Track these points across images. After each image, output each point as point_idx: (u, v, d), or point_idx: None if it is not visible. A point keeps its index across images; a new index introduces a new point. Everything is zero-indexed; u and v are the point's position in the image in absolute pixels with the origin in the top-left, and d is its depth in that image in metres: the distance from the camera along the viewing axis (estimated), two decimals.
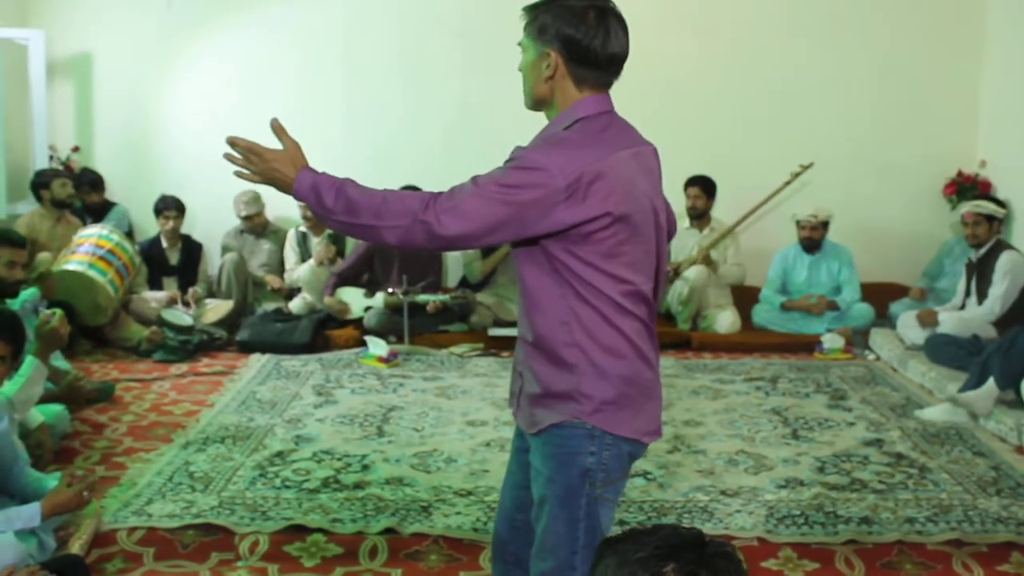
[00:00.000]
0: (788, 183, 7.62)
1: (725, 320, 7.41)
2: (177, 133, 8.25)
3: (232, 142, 2.42)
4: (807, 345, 7.16)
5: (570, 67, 2.36)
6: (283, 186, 2.41)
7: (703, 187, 7.52)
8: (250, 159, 2.43)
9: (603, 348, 2.38)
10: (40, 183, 7.23)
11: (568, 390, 2.40)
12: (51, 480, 3.68)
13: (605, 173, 2.28)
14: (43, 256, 6.81)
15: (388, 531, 4.01)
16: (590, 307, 2.35)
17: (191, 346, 6.78)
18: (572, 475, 2.41)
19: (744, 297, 7.68)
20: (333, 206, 2.33)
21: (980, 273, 6.70)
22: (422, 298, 7.14)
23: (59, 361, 5.50)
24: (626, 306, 2.39)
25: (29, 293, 5.68)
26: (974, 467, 4.81)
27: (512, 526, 2.72)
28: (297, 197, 2.42)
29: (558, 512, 2.43)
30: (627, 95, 2.66)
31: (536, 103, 2.46)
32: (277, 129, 2.43)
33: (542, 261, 2.36)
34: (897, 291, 7.73)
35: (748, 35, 8.00)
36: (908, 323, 6.89)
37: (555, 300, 2.36)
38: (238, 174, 2.45)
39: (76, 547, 3.70)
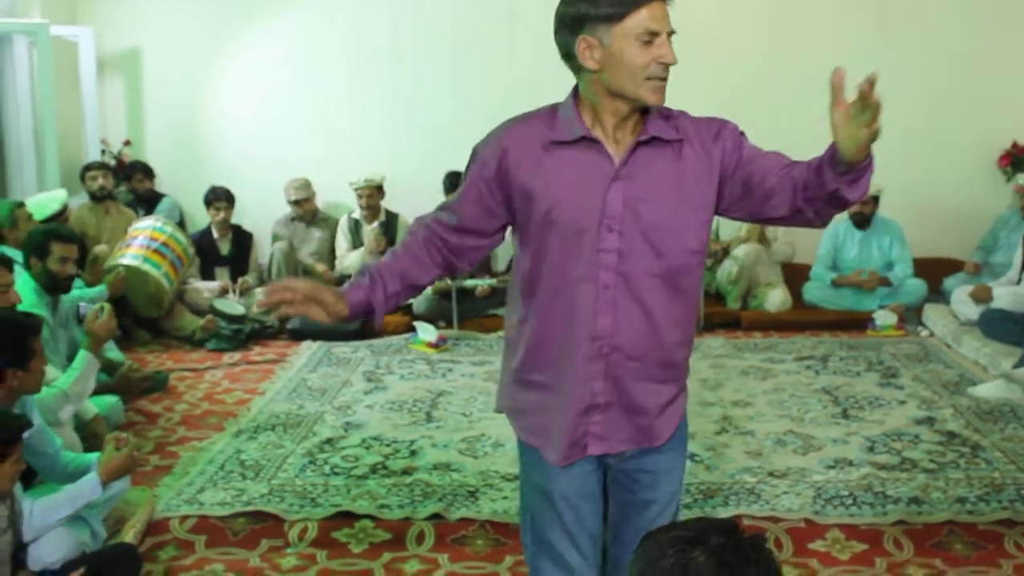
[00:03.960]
0: None
1: (776, 298, 7.35)
2: (226, 124, 8.35)
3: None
4: (859, 322, 7.08)
5: None
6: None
7: None
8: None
9: None
10: (80, 177, 7.36)
11: (680, 387, 2.48)
12: (89, 457, 3.73)
13: None
14: (99, 248, 6.93)
15: (435, 516, 4.05)
16: None
17: (243, 335, 6.86)
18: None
19: (795, 275, 7.61)
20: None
21: None
22: (470, 283, 7.17)
23: (113, 352, 5.62)
24: None
25: (97, 291, 5.80)
26: None
27: None
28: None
29: (677, 501, 2.56)
30: (689, 87, 2.62)
31: None
32: None
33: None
34: (951, 266, 7.63)
35: (801, 15, 7.90)
36: (962, 299, 6.79)
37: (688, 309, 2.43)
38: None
39: (130, 535, 3.78)
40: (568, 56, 2.26)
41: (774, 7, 7.94)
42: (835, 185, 2.10)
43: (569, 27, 2.22)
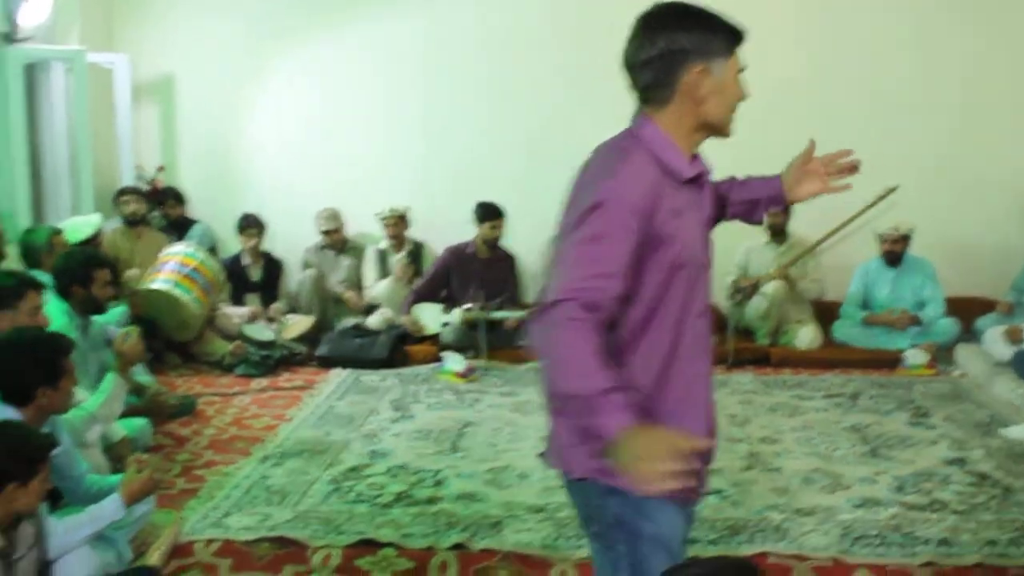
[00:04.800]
0: (871, 205, 7.43)
1: (806, 336, 7.30)
2: (258, 151, 8.41)
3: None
4: (890, 361, 7.02)
5: None
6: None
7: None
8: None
9: None
10: (113, 201, 7.44)
11: None
12: (112, 479, 3.75)
13: None
14: (131, 273, 6.99)
15: (458, 546, 4.03)
16: None
17: (272, 361, 6.89)
18: None
19: (825, 312, 7.56)
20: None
21: None
22: (499, 314, 7.17)
23: (143, 376, 5.65)
24: None
25: (118, 311, 5.84)
26: None
27: None
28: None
29: None
30: None
31: None
32: None
33: None
34: (984, 306, 7.55)
35: (832, 53, 7.89)
36: (994, 338, 6.72)
37: None
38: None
39: (155, 558, 3.80)
40: (660, 86, 2.20)
41: (804, 34, 7.93)
42: (760, 216, 2.54)
43: (678, 56, 2.18)
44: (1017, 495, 4.59)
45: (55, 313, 4.69)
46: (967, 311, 7.43)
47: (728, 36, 2.22)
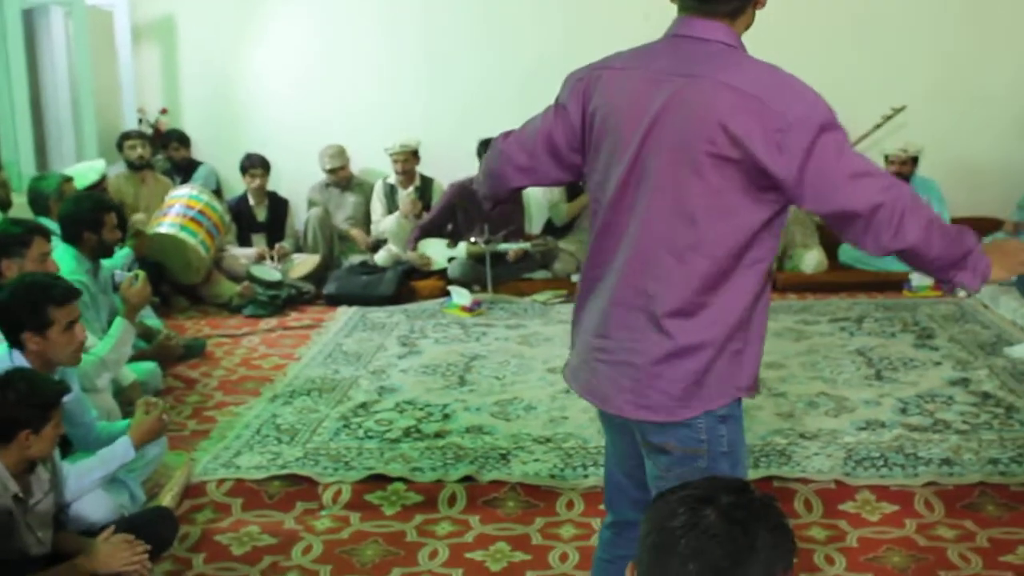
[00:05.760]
0: (879, 126, 7.41)
1: (811, 259, 7.31)
2: (260, 91, 8.38)
3: None
4: (895, 283, 7.03)
5: None
6: None
7: None
8: None
9: None
10: (117, 146, 7.44)
11: None
12: (121, 423, 3.82)
13: (592, 79, 2.30)
14: (138, 217, 7.02)
15: (467, 479, 4.10)
16: None
17: (280, 301, 6.93)
18: None
19: (831, 236, 7.54)
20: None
21: None
22: (504, 247, 7.19)
23: (151, 320, 5.69)
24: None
25: (123, 253, 5.87)
26: None
27: None
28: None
29: None
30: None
31: None
32: None
33: None
34: (991, 225, 7.50)
35: None
36: None
37: None
38: None
39: (167, 499, 3.86)
40: None
41: None
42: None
43: None
44: (1020, 413, 4.63)
45: (64, 259, 4.72)
46: (974, 230, 7.38)
47: None
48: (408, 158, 7.67)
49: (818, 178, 2.07)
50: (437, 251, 7.38)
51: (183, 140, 8.08)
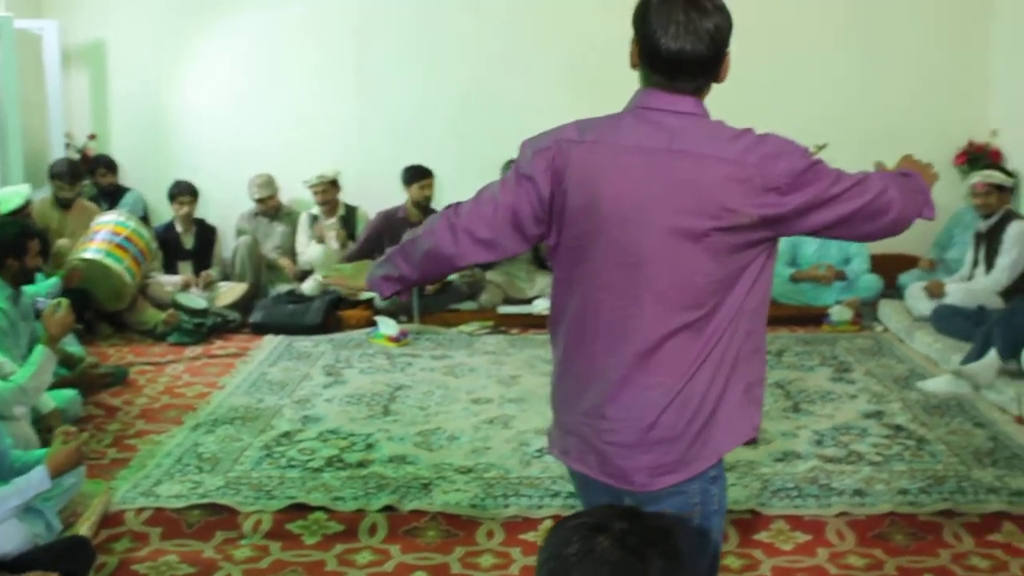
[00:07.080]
0: None
1: None
2: (190, 118, 8.35)
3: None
4: (816, 318, 7.18)
5: (641, 59, 2.19)
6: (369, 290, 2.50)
7: None
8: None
9: None
10: (48, 176, 7.36)
11: None
12: (37, 453, 3.78)
13: (560, 151, 2.20)
14: (62, 243, 6.95)
15: (388, 508, 4.11)
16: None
17: (205, 329, 6.90)
18: None
19: None
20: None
21: (989, 243, 6.69)
22: None
23: (73, 347, 5.64)
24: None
25: (50, 282, 5.81)
26: (972, 438, 4.85)
27: None
28: (373, 289, 2.47)
29: None
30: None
31: None
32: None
33: None
34: (907, 262, 7.72)
35: (757, 15, 7.98)
36: (916, 294, 6.90)
37: None
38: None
39: (84, 528, 3.83)
40: (716, 64, 2.17)
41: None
42: None
43: (727, 39, 2.16)
44: (931, 445, 4.75)
45: None
46: (890, 268, 7.60)
47: None
48: (327, 188, 7.70)
49: (825, 209, 2.16)
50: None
51: (110, 166, 8.03)
